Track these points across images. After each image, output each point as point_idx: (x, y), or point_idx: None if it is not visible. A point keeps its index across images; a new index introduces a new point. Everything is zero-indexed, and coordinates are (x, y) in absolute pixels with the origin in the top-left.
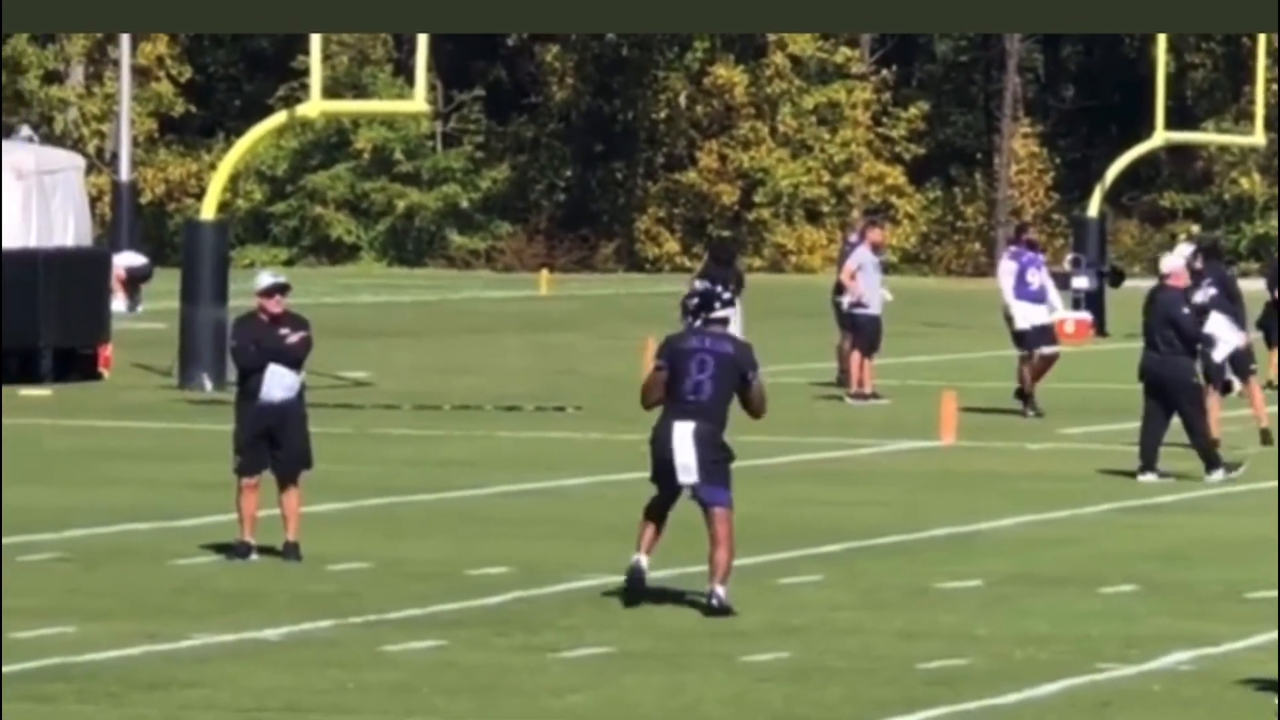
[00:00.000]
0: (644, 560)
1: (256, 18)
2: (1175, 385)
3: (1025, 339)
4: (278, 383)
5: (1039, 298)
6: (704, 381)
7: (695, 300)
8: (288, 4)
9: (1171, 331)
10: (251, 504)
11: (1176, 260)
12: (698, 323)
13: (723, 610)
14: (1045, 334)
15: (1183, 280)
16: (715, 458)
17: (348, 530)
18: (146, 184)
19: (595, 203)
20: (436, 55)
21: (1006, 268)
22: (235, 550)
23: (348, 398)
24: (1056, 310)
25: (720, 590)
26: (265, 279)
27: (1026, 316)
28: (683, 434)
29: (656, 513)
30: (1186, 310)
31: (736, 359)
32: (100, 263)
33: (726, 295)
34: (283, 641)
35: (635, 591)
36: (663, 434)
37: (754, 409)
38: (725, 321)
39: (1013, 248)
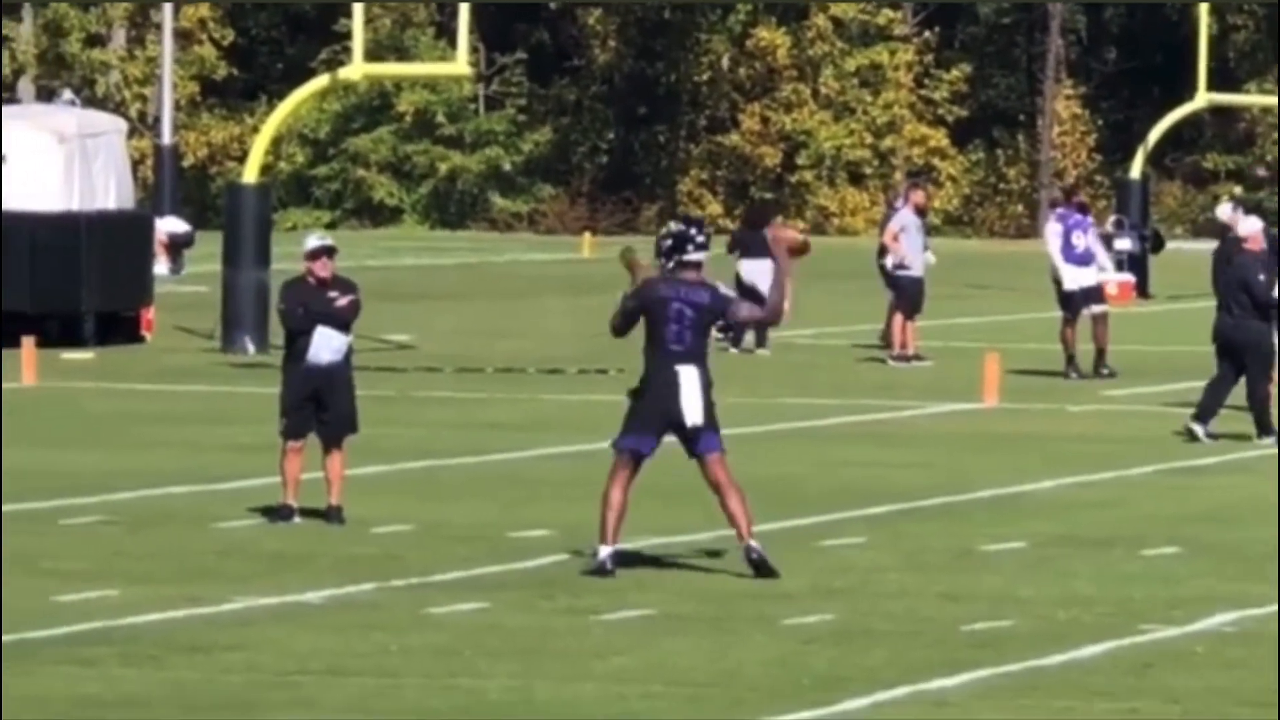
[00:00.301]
0: (612, 555)
1: None
2: (1247, 348)
3: (1072, 301)
4: (325, 345)
5: (1084, 260)
6: (683, 332)
7: (669, 241)
8: None
9: (1245, 296)
10: (295, 467)
11: (1254, 223)
12: (670, 264)
13: (764, 562)
14: (1093, 294)
15: (1259, 244)
16: (710, 403)
17: (390, 493)
18: (189, 147)
19: (637, 165)
20: (478, 18)
21: (1053, 229)
22: (278, 513)
23: (390, 361)
24: (1106, 270)
25: (754, 542)
26: (312, 241)
27: (1074, 278)
28: (689, 378)
29: (623, 487)
30: (1263, 276)
31: (712, 308)
32: (142, 226)
33: (701, 238)
34: (325, 604)
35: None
36: (666, 381)
37: (771, 309)
38: (698, 265)
39: (1059, 210)
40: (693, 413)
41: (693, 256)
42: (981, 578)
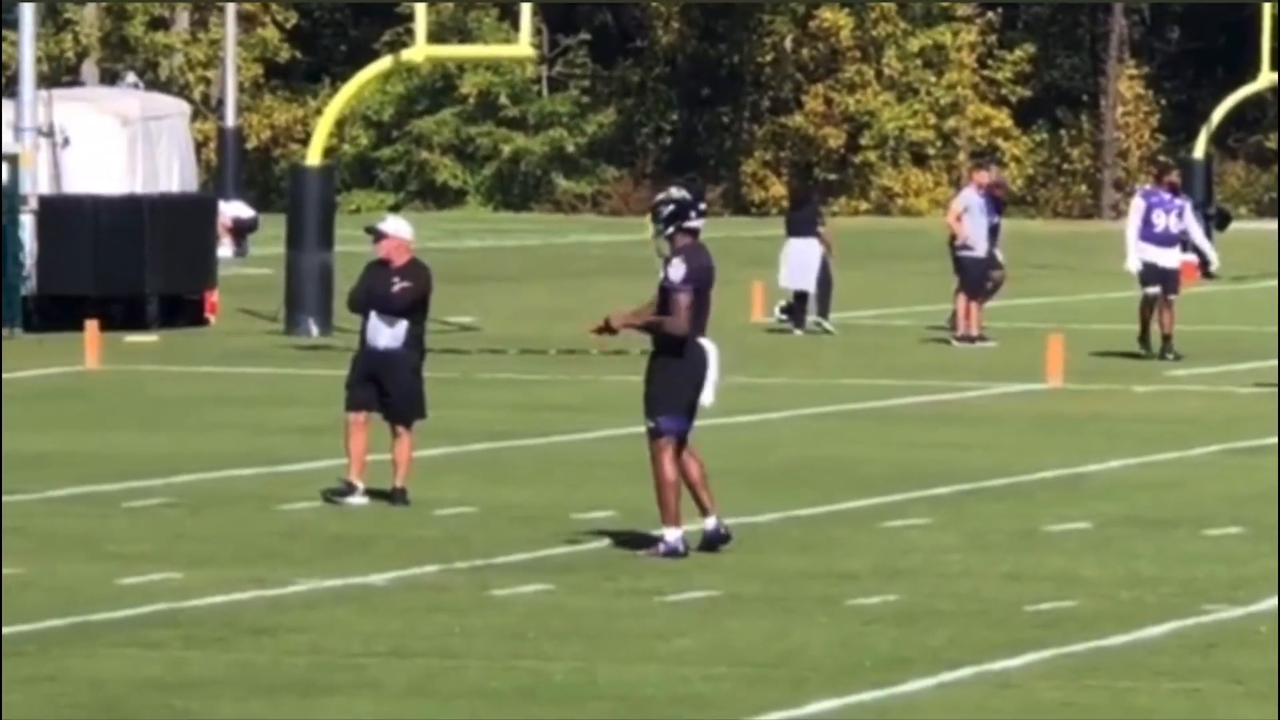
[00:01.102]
0: (683, 537)
1: None
2: None
3: (1141, 279)
4: (380, 330)
5: (1164, 240)
6: (709, 302)
7: (671, 207)
8: None
9: None
10: (359, 443)
11: None
12: (669, 229)
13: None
14: (1170, 277)
15: None
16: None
17: (454, 475)
18: (252, 130)
19: (701, 146)
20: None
21: (1135, 206)
22: (340, 491)
23: (454, 343)
24: (1204, 246)
25: (715, 522)
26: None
27: (1142, 256)
28: (714, 355)
29: (676, 464)
30: None
31: (711, 269)
32: (205, 208)
33: (702, 205)
34: (389, 586)
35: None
36: (702, 357)
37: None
38: (697, 233)
39: (1146, 188)
40: (711, 393)
41: (695, 224)
42: (1045, 558)
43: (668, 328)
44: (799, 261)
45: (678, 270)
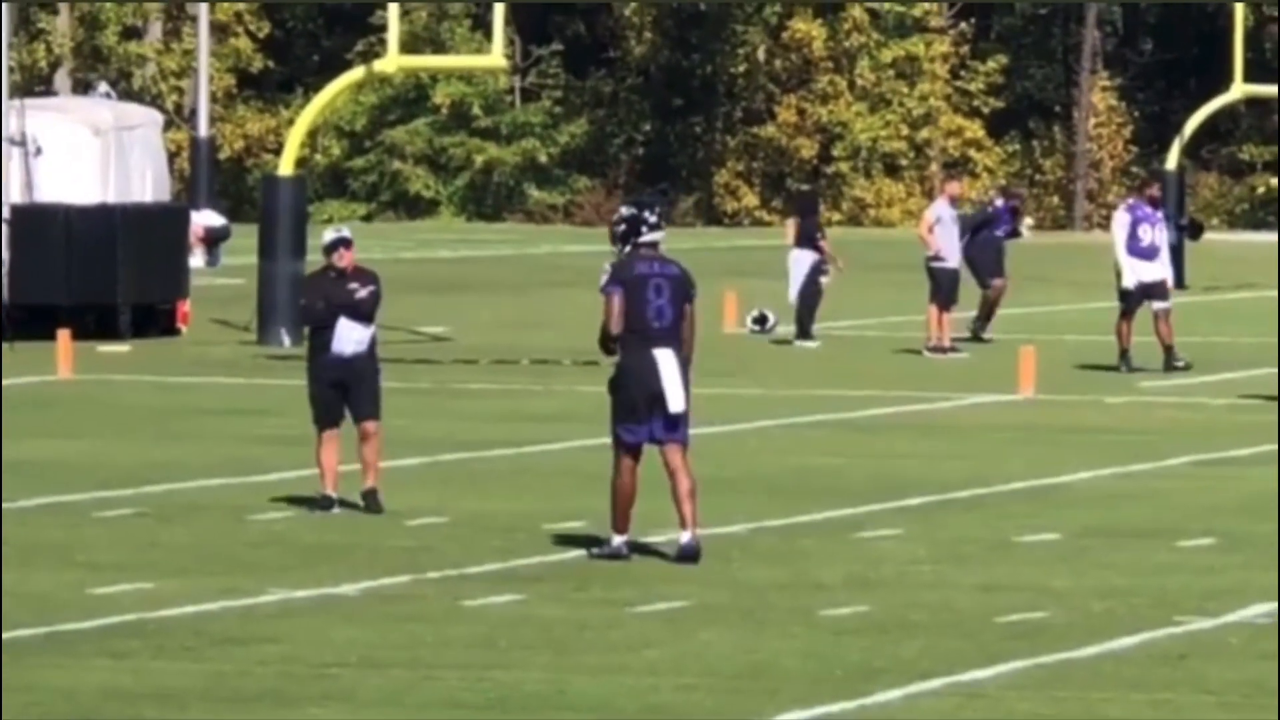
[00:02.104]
0: (627, 542)
1: None
2: None
3: (1129, 296)
4: (348, 337)
5: (1149, 254)
6: (664, 306)
7: (622, 226)
8: None
9: None
10: (332, 458)
11: None
12: (626, 248)
13: (687, 555)
14: (1156, 290)
15: None
16: (688, 385)
17: (426, 485)
18: (225, 140)
19: (674, 157)
20: (515, 10)
21: (1120, 221)
22: (318, 503)
23: (427, 353)
24: (1165, 267)
25: (690, 536)
26: (328, 235)
27: (1135, 272)
28: (667, 361)
29: (634, 475)
30: None
31: (684, 280)
32: (178, 219)
33: (653, 219)
34: (361, 596)
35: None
36: (644, 366)
37: (686, 337)
38: (654, 245)
39: (1130, 201)
40: (676, 400)
41: (648, 238)
42: (1017, 569)
43: (604, 330)
44: (797, 272)
45: (603, 278)
